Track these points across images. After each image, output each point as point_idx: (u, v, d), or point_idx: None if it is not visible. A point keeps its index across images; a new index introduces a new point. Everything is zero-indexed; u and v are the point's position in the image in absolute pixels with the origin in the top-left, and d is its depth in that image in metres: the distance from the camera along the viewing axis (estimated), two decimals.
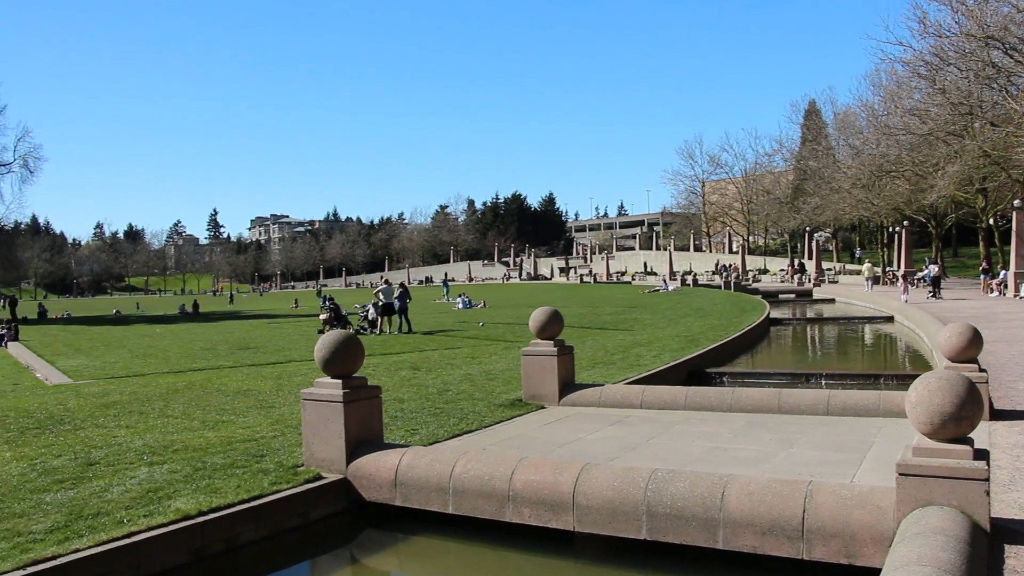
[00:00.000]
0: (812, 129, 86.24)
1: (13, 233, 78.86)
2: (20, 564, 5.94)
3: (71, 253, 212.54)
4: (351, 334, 8.81)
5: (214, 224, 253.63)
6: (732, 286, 54.76)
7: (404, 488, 7.94)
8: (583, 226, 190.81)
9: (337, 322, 29.45)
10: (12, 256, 79.25)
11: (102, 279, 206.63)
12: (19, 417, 12.44)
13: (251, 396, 13.94)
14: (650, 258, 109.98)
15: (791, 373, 17.24)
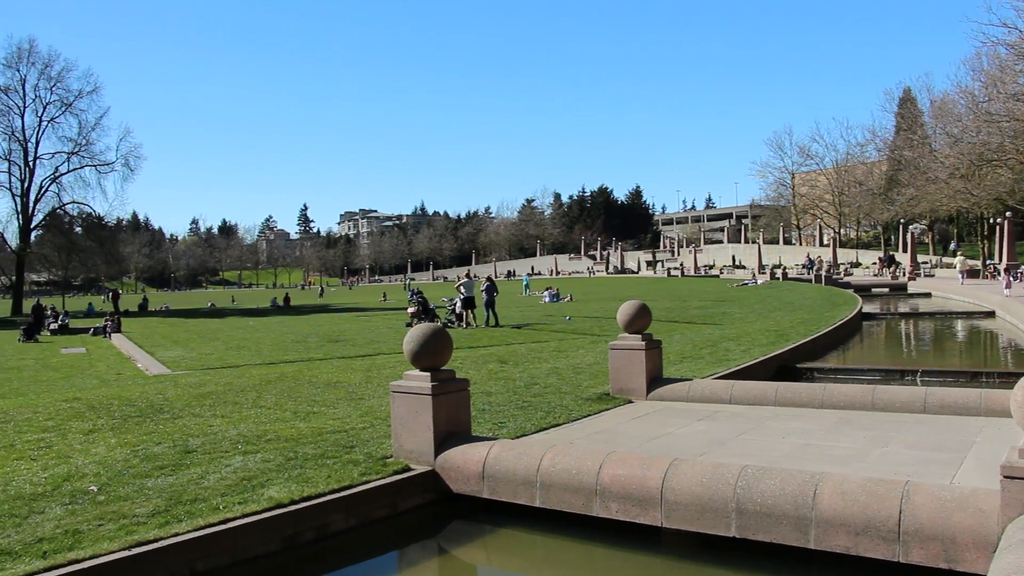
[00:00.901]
0: (907, 118, 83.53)
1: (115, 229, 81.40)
2: (125, 545, 6.17)
3: (169, 248, 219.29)
4: (439, 327, 8.87)
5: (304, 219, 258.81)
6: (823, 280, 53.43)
7: (491, 481, 7.98)
8: (670, 219, 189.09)
9: (425, 315, 29.75)
10: (115, 251, 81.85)
11: (197, 273, 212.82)
12: (122, 405, 12.88)
13: (341, 388, 14.17)
14: (738, 251, 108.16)
15: (885, 369, 16.78)
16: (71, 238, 72.13)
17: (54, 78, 68.50)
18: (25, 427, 11.24)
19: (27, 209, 68.14)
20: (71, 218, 72.41)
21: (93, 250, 73.86)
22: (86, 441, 10.12)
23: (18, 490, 7.74)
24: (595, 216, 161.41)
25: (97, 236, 72.93)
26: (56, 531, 6.48)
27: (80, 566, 5.86)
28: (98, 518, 6.78)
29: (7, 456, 9.39)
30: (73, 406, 13.01)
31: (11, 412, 12.56)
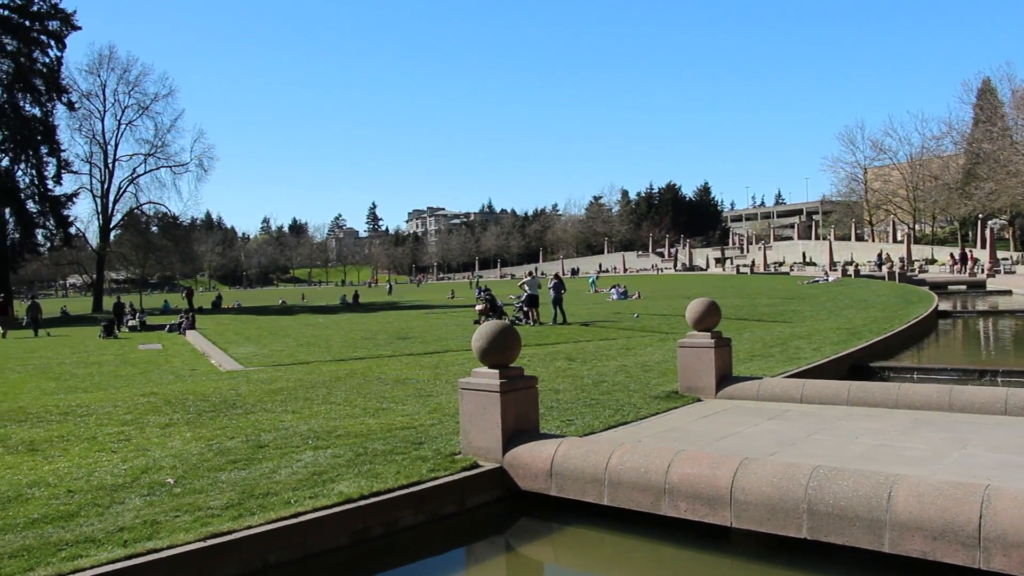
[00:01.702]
0: (986, 109, 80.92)
1: (189, 228, 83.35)
2: (201, 536, 6.32)
3: (241, 247, 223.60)
4: (508, 325, 8.89)
5: (373, 217, 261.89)
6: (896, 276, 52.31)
7: (559, 478, 7.98)
8: (739, 216, 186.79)
9: (493, 313, 29.82)
10: (189, 250, 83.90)
11: (269, 271, 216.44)
12: (197, 400, 13.18)
13: (410, 384, 14.30)
14: (809, 248, 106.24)
15: (963, 369, 16.33)
16: (148, 237, 74.08)
17: (132, 83, 70.62)
18: (106, 420, 11.58)
19: (107, 209, 70.25)
20: (148, 218, 74.29)
21: (168, 249, 75.87)
22: (163, 435, 10.39)
23: (100, 481, 7.99)
24: (663, 213, 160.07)
25: (172, 235, 74.79)
26: (135, 521, 6.66)
27: (158, 555, 6.02)
28: (175, 509, 6.96)
29: (89, 448, 9.69)
30: (150, 401, 13.36)
31: (93, 406, 12.96)
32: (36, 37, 62.16)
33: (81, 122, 69.33)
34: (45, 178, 63.44)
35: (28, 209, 62.75)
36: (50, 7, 62.02)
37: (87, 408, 12.77)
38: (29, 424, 11.51)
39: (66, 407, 12.99)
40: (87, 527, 6.55)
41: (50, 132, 63.09)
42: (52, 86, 63.33)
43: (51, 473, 8.44)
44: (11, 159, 62.05)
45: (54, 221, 64.66)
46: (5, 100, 60.91)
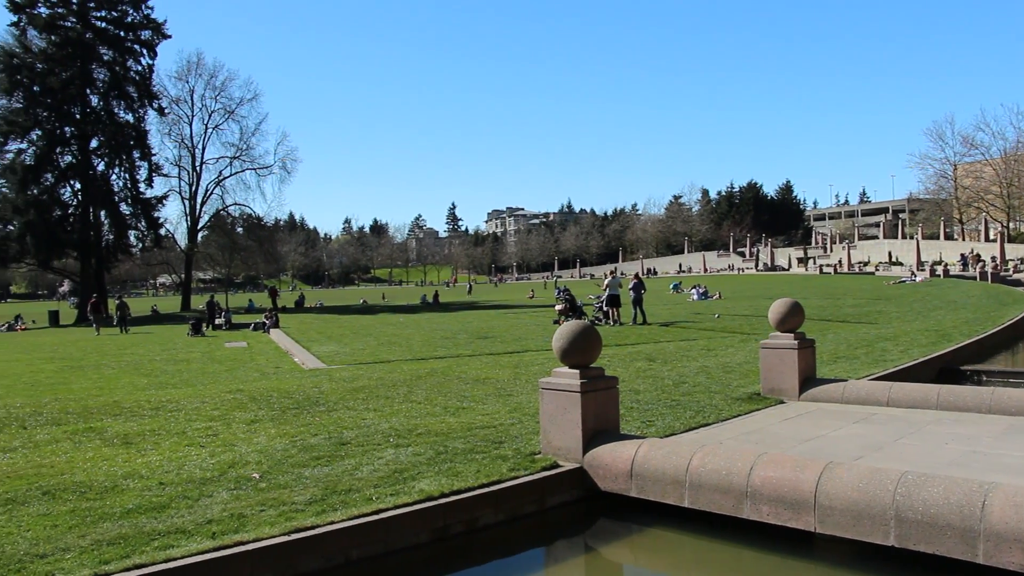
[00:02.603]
0: None
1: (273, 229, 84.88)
2: (285, 531, 6.47)
3: (323, 247, 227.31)
4: (589, 325, 8.88)
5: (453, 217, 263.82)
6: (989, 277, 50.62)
7: (639, 479, 7.94)
8: (822, 214, 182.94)
9: (572, 313, 29.78)
10: (273, 250, 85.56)
11: (350, 271, 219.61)
12: (281, 398, 13.45)
13: (490, 384, 14.37)
14: (895, 247, 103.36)
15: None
16: (233, 238, 75.74)
17: (218, 88, 72.42)
18: (194, 416, 11.90)
19: (194, 211, 72.22)
20: (233, 219, 75.96)
21: (253, 249, 77.44)
22: (248, 431, 10.63)
23: (189, 474, 8.22)
24: (744, 212, 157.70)
25: (257, 236, 76.35)
26: (223, 514, 6.84)
27: (245, 548, 6.18)
28: (260, 504, 7.12)
29: (179, 442, 9.97)
30: (236, 397, 13.68)
31: (182, 402, 13.33)
32: (130, 47, 64.25)
33: (171, 127, 71.60)
34: (137, 181, 65.47)
35: (121, 211, 64.80)
36: (143, 18, 64.04)
37: (177, 404, 13.14)
38: (123, 418, 11.90)
39: (157, 402, 13.39)
40: (178, 518, 6.76)
41: (142, 137, 65.08)
42: (144, 93, 65.37)
43: (144, 465, 8.72)
44: (106, 163, 64.24)
45: (145, 223, 66.62)
46: (101, 107, 63.10)
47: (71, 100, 60.94)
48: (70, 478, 8.26)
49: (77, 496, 7.54)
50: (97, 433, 10.78)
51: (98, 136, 62.54)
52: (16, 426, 11.52)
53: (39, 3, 60.08)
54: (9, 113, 58.91)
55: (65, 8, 60.84)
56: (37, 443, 10.26)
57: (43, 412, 12.67)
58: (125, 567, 5.76)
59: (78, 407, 13.15)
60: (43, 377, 19.67)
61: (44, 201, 59.60)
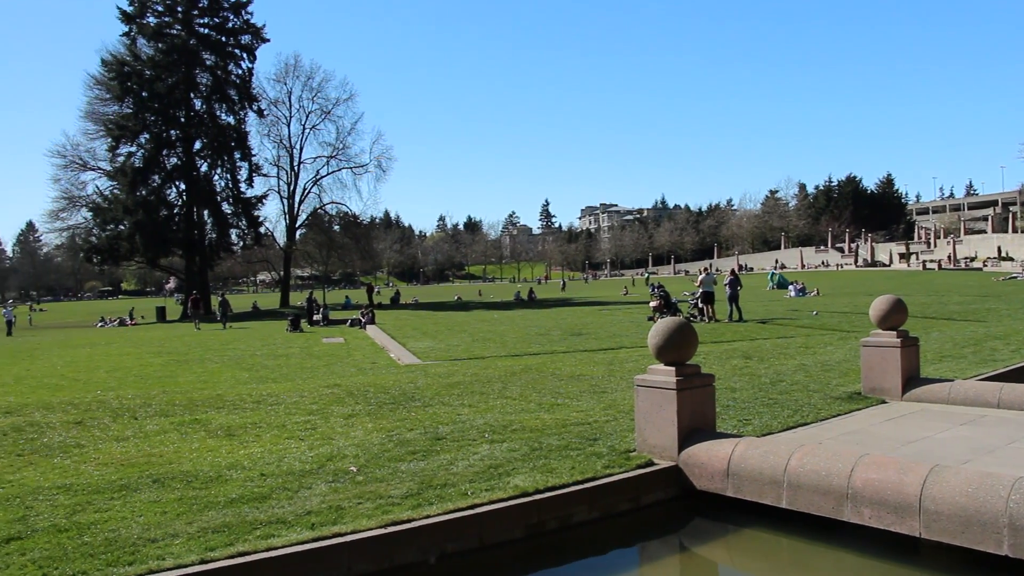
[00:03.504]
0: None
1: (369, 226, 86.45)
2: (382, 523, 6.57)
3: (418, 244, 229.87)
4: (684, 321, 8.78)
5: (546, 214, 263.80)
6: None
7: (736, 479, 7.82)
8: (925, 208, 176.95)
9: (667, 309, 29.52)
10: (369, 247, 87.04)
11: (444, 267, 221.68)
12: (377, 393, 13.67)
13: (584, 381, 14.34)
14: (1005, 242, 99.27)
15: None
16: (330, 236, 77.41)
17: (315, 89, 73.96)
18: (294, 410, 12.19)
19: (293, 210, 73.97)
20: (330, 217, 77.57)
21: (349, 247, 79.01)
22: (346, 425, 10.83)
23: (289, 466, 8.43)
24: (842, 206, 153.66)
25: (353, 233, 77.81)
26: (321, 506, 6.99)
27: (342, 539, 6.31)
28: (357, 496, 7.25)
29: (279, 435, 10.23)
30: (334, 392, 13.96)
31: (282, 396, 13.67)
32: (231, 51, 66.31)
33: (269, 128, 73.54)
34: (238, 181, 67.59)
35: (223, 210, 66.92)
36: (243, 23, 65.99)
37: (277, 397, 13.48)
38: (226, 411, 12.27)
39: (258, 396, 13.76)
40: (278, 509, 6.93)
41: (242, 138, 67.05)
42: (244, 95, 67.33)
43: (246, 457, 8.98)
44: (209, 164, 66.47)
45: (246, 221, 68.62)
46: (204, 110, 65.31)
47: (176, 104, 63.29)
48: (177, 467, 8.57)
49: (184, 485, 7.81)
50: (202, 425, 11.15)
51: (201, 138, 64.78)
52: (128, 416, 12.01)
53: (148, 13, 62.56)
54: (120, 118, 61.52)
55: (171, 17, 63.23)
56: (147, 433, 10.67)
57: (152, 404, 13.17)
58: (229, 554, 5.95)
59: (184, 399, 13.61)
60: (151, 370, 20.40)
61: (152, 202, 62.02)
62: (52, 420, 11.90)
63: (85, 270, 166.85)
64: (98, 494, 7.58)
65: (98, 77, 62.71)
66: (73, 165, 64.17)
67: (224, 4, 64.87)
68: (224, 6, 64.91)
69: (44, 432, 10.99)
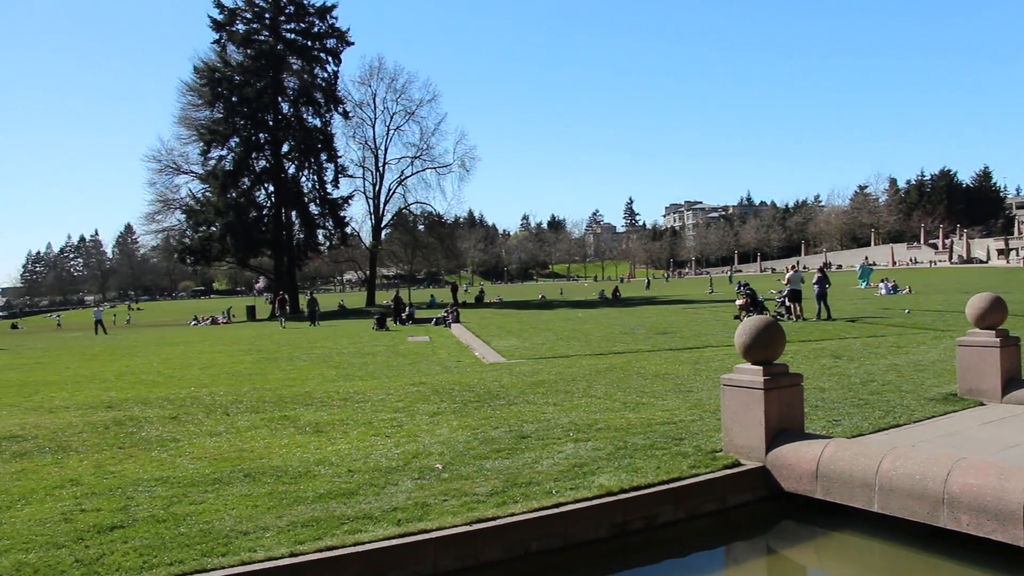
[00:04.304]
0: None
1: (453, 226, 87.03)
2: (467, 520, 6.63)
3: (501, 243, 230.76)
4: (772, 320, 8.63)
5: (630, 212, 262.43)
6: None
7: (825, 481, 7.65)
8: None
9: (754, 308, 29.07)
10: (453, 246, 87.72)
11: (528, 266, 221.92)
12: (462, 391, 13.77)
13: (669, 380, 14.22)
14: None
15: None
16: (415, 235, 78.26)
17: (399, 90, 74.78)
18: (380, 407, 12.36)
19: (378, 210, 75.02)
20: (415, 217, 78.40)
21: (434, 246, 79.81)
22: (431, 422, 10.94)
23: (376, 463, 8.55)
24: (936, 201, 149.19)
25: (437, 233, 78.58)
26: (407, 502, 7.07)
27: (428, 536, 6.37)
28: (443, 493, 7.31)
29: (366, 432, 10.39)
30: (419, 389, 14.11)
31: (368, 393, 13.87)
32: (317, 55, 67.65)
33: (355, 130, 74.64)
34: (325, 182, 68.81)
35: (311, 211, 68.26)
36: (328, 27, 67.22)
37: (364, 395, 13.68)
38: (315, 408, 12.50)
39: (345, 393, 13.99)
40: (365, 504, 7.04)
41: (329, 140, 68.26)
42: (330, 98, 68.56)
43: (334, 453, 9.14)
44: (296, 166, 67.96)
45: (333, 222, 69.85)
46: (292, 114, 66.75)
47: (265, 108, 64.85)
48: (268, 462, 8.77)
49: (274, 479, 7.99)
50: (291, 421, 11.38)
51: (289, 141, 66.21)
52: (220, 412, 12.34)
53: (237, 20, 64.25)
54: (212, 123, 63.38)
55: (259, 23, 64.80)
56: (238, 429, 10.94)
57: (243, 400, 13.51)
58: (318, 548, 6.07)
59: (273, 396, 13.92)
60: (242, 368, 20.90)
61: (242, 203, 63.70)
62: (150, 415, 12.32)
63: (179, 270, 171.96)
64: (193, 487, 7.82)
65: (191, 84, 64.91)
66: (167, 169, 66.52)
67: (310, 9, 66.19)
68: (310, 11, 66.23)
69: (142, 426, 11.38)
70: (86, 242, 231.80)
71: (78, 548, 6.16)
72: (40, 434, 11.06)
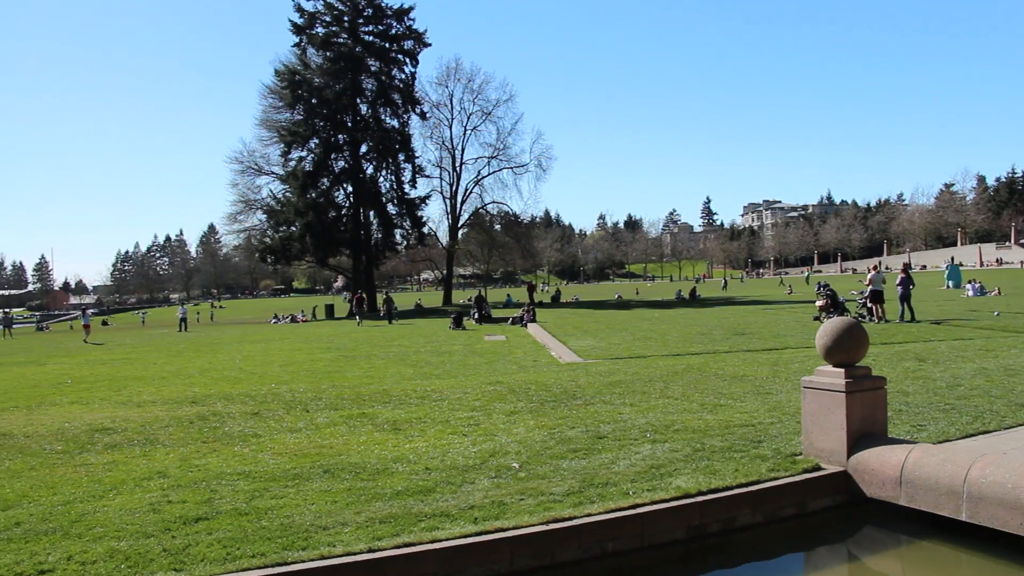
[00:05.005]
0: None
1: (530, 225, 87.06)
2: (543, 520, 6.65)
3: (578, 243, 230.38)
4: (855, 321, 8.45)
5: (707, 212, 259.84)
6: None
7: (910, 487, 7.46)
8: None
9: (834, 309, 28.51)
10: (530, 246, 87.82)
11: (604, 266, 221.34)
12: (539, 390, 13.79)
13: (747, 381, 14.04)
14: None
15: None
16: (491, 235, 78.60)
17: (475, 91, 75.12)
18: (457, 405, 12.46)
19: (455, 210, 75.55)
20: (491, 216, 78.70)
21: (510, 246, 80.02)
22: (508, 421, 10.98)
23: (453, 461, 8.62)
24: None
25: (514, 233, 78.72)
26: (484, 500, 7.11)
27: (504, 534, 6.41)
28: (519, 492, 7.34)
29: (443, 430, 10.48)
30: (496, 389, 14.17)
31: (445, 391, 13.99)
32: (394, 57, 68.42)
33: (432, 130, 75.30)
34: (402, 183, 69.55)
35: (388, 211, 69.04)
36: (405, 29, 67.93)
37: (440, 393, 13.80)
38: (392, 406, 12.66)
39: (422, 392, 14.13)
40: (442, 502, 7.10)
41: (406, 141, 68.97)
42: (407, 99, 69.29)
43: (411, 451, 9.24)
44: (374, 167, 68.86)
45: (410, 221, 70.53)
46: (370, 115, 67.65)
47: (343, 110, 65.84)
48: (346, 459, 8.91)
49: (353, 476, 8.11)
50: (369, 419, 11.54)
51: (367, 141, 67.06)
52: (300, 409, 12.58)
53: (317, 24, 65.40)
54: (292, 125, 64.60)
55: (338, 26, 65.83)
56: (318, 425, 11.14)
57: (322, 397, 13.75)
58: (395, 544, 6.15)
59: (352, 394, 14.13)
60: (321, 365, 21.24)
61: (321, 204, 64.75)
62: (232, 411, 12.63)
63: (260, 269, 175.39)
64: (274, 481, 7.99)
65: (272, 87, 66.26)
66: (249, 170, 68.12)
67: (388, 12, 66.96)
68: (388, 14, 66.99)
69: (225, 421, 11.68)
70: (171, 242, 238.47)
71: (165, 538, 6.36)
72: (129, 427, 11.46)
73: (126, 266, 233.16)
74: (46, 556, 6.06)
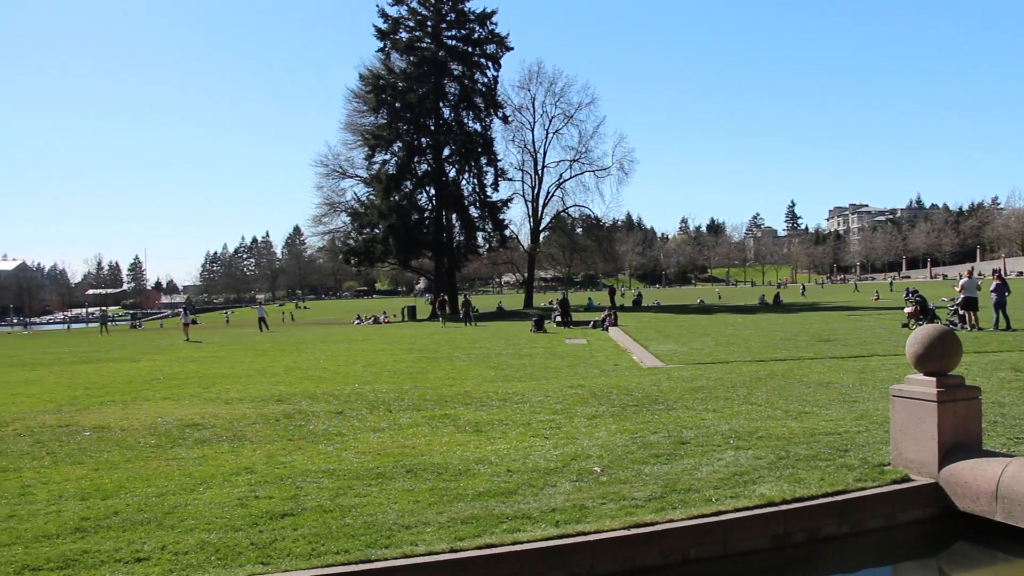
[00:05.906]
0: None
1: (611, 229, 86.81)
2: (625, 524, 6.64)
3: (660, 246, 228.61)
4: (947, 329, 8.20)
5: (791, 215, 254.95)
6: None
7: (1006, 502, 7.22)
8: None
9: (923, 316, 27.77)
10: (611, 250, 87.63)
11: (687, 270, 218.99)
12: (620, 395, 13.74)
13: (833, 389, 13.76)
14: None
15: None
16: (573, 238, 78.64)
17: (557, 94, 75.12)
18: (539, 408, 12.50)
19: (536, 213, 75.67)
20: (573, 220, 78.64)
21: (592, 249, 79.95)
22: (589, 425, 10.97)
23: (534, 464, 8.66)
24: None
25: (595, 236, 78.61)
26: (565, 504, 7.13)
27: (586, 538, 6.41)
28: (601, 497, 7.33)
29: (525, 433, 10.52)
30: (577, 392, 14.17)
31: (527, 394, 14.04)
32: (477, 61, 68.99)
33: (514, 134, 75.55)
34: (484, 186, 70.05)
35: (470, 214, 69.59)
36: (488, 33, 68.42)
37: (522, 396, 13.85)
38: (474, 407, 12.76)
39: (504, 394, 14.20)
40: (523, 504, 7.14)
41: (488, 144, 69.41)
42: (489, 103, 69.75)
43: (493, 453, 9.30)
44: (457, 170, 69.51)
45: (492, 224, 70.95)
46: (452, 118, 68.35)
47: (426, 113, 66.61)
48: (428, 459, 9.02)
49: (435, 476, 8.21)
50: (451, 420, 11.66)
51: (450, 145, 67.76)
52: (383, 409, 12.77)
53: (400, 29, 66.38)
54: (376, 128, 65.64)
55: (422, 31, 66.72)
56: (400, 426, 11.30)
57: (404, 398, 13.93)
58: (477, 545, 6.20)
59: (434, 395, 14.29)
60: (403, 366, 21.50)
61: (404, 206, 65.59)
62: (316, 409, 12.89)
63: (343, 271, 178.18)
64: (357, 480, 8.14)
65: (356, 91, 67.45)
66: (334, 174, 69.47)
67: (470, 16, 67.53)
68: (470, 18, 67.57)
69: (310, 420, 11.93)
70: (258, 243, 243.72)
71: (253, 532, 6.54)
72: (218, 423, 11.79)
73: (214, 267, 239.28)
74: (142, 545, 6.29)
